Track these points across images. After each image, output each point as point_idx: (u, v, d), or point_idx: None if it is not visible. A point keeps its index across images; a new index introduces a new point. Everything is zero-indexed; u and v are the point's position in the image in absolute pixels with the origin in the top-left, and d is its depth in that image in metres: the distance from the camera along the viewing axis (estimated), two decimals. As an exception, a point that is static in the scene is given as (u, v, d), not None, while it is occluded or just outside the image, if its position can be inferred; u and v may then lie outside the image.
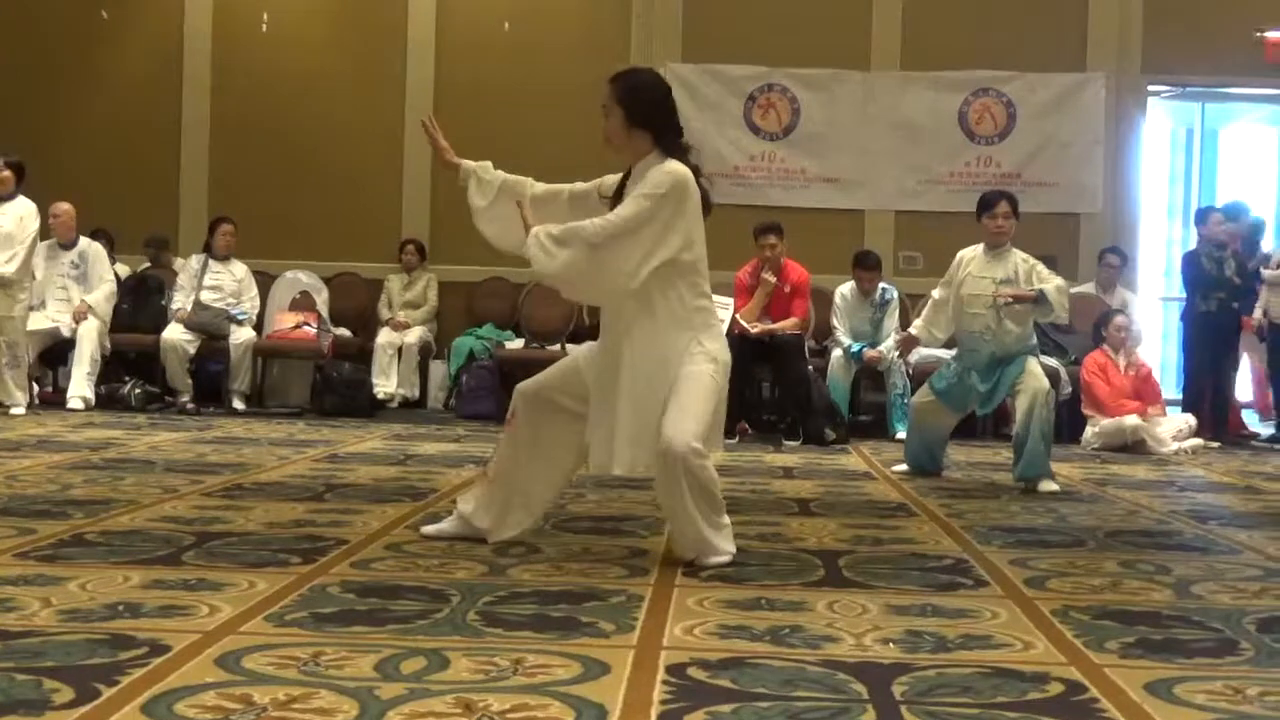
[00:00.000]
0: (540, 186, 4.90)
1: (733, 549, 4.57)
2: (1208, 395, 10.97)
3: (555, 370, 4.94)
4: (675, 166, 4.58)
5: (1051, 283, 7.30)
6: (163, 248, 12.48)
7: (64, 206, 11.06)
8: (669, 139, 4.66)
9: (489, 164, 4.95)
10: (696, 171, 4.64)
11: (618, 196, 4.71)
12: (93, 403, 10.65)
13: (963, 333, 7.62)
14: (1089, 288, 11.72)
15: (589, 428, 4.71)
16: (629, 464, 4.61)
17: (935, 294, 7.85)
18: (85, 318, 10.85)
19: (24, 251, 10.01)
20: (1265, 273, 10.96)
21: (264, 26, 12.92)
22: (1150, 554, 5.08)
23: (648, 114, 4.64)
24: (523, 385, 4.92)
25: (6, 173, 10.08)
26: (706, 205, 4.68)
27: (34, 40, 13.00)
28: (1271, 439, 10.92)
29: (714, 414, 4.61)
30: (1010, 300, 7.26)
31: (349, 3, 13.08)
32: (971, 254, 7.60)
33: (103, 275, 11.17)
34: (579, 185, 4.90)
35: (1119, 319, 10.64)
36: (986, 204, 7.56)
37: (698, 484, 4.46)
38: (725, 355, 4.72)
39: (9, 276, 9.90)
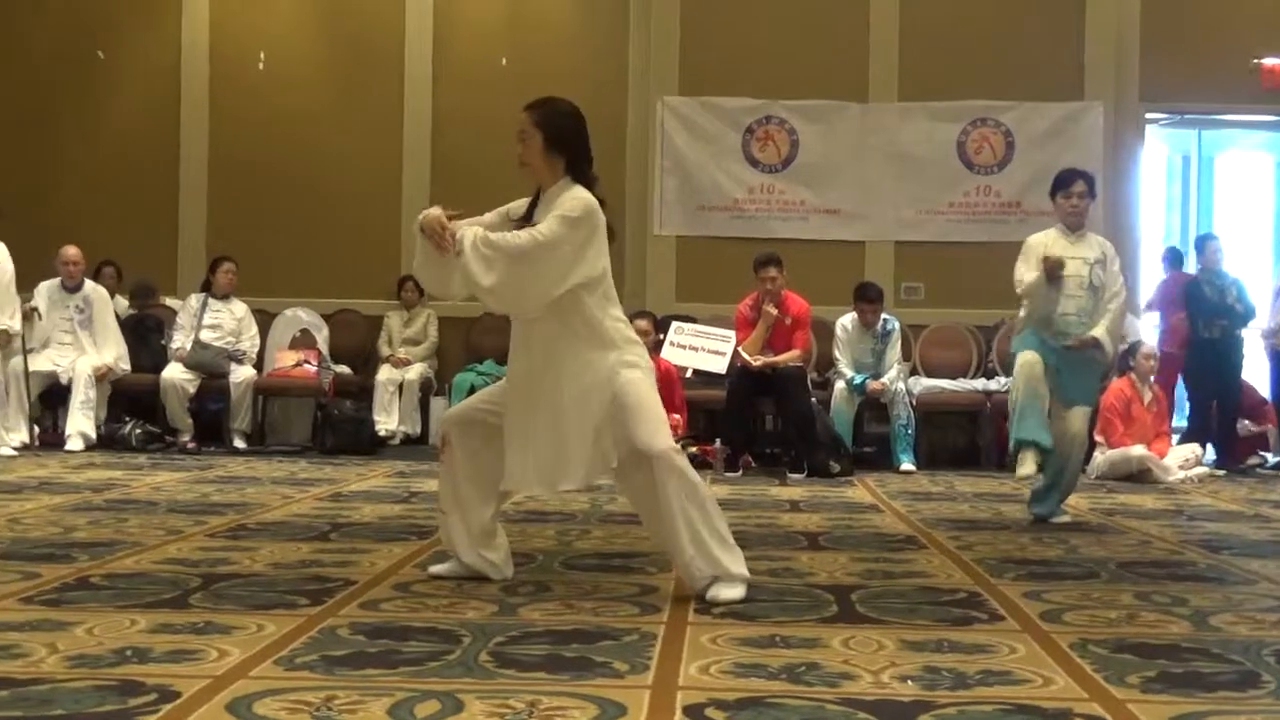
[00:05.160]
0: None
1: (745, 573, 4.54)
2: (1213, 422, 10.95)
3: (482, 391, 5.09)
4: (584, 194, 4.72)
5: (1104, 321, 7.04)
6: (149, 297, 12.32)
7: (73, 251, 11.05)
8: (580, 167, 4.81)
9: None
10: (602, 202, 4.76)
11: (527, 219, 4.78)
12: (93, 440, 10.60)
13: (1054, 315, 7.07)
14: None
15: (505, 446, 4.75)
16: (549, 483, 4.73)
17: (1027, 277, 7.07)
18: (108, 374, 10.94)
19: (12, 298, 10.03)
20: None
21: (261, 64, 12.92)
22: (1165, 585, 5.03)
23: (564, 141, 4.77)
24: (450, 411, 5.05)
25: None
26: (611, 233, 4.81)
27: (31, 82, 12.99)
28: (1277, 466, 10.86)
29: None
30: (1073, 345, 6.99)
31: (346, 40, 13.08)
32: (1045, 238, 7.17)
33: (108, 324, 11.16)
34: (488, 216, 4.87)
35: (1146, 348, 10.54)
36: (1062, 182, 7.21)
37: (686, 483, 4.49)
38: (648, 361, 4.81)
39: (16, 330, 9.99)
